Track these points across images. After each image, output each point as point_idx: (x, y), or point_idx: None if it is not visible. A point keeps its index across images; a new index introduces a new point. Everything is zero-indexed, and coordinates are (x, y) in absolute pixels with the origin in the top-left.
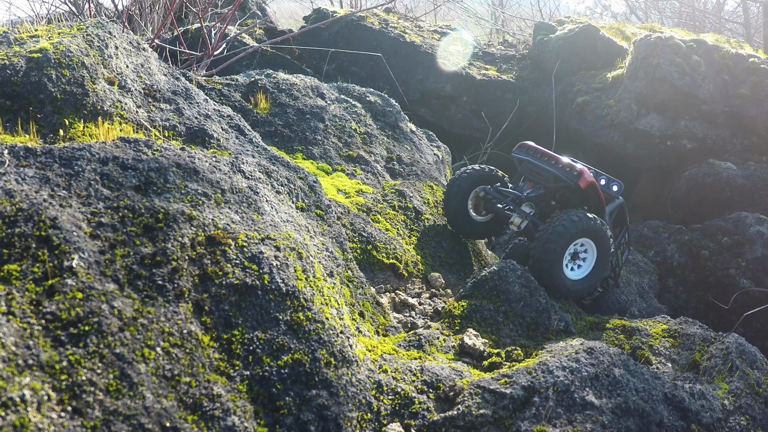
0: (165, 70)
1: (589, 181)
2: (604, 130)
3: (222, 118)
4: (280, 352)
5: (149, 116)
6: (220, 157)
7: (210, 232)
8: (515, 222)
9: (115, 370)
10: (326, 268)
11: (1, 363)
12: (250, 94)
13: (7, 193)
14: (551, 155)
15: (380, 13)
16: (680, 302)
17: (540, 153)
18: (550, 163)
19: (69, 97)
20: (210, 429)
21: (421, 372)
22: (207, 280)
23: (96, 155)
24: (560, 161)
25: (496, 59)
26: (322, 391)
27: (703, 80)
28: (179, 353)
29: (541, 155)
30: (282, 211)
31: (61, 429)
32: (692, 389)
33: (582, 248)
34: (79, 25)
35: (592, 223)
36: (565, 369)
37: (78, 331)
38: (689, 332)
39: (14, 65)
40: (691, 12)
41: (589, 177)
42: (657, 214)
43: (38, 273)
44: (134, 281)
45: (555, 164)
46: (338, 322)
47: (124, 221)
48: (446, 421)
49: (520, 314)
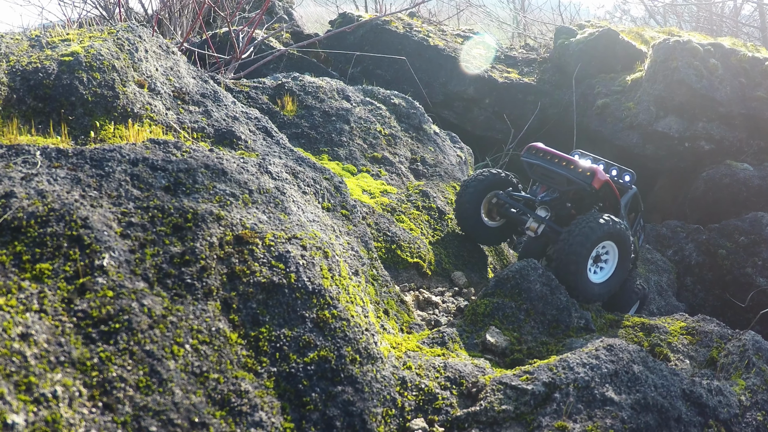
0: (194, 73)
1: (603, 180)
2: (623, 131)
3: (249, 120)
4: (306, 349)
5: (178, 118)
6: (247, 158)
7: (238, 231)
8: (531, 227)
9: (145, 366)
10: (351, 267)
11: (33, 360)
12: (277, 96)
13: (39, 194)
14: (562, 156)
15: (404, 18)
16: (698, 300)
17: (550, 155)
18: (562, 166)
19: (100, 100)
20: (238, 424)
21: (445, 368)
22: (235, 279)
23: (126, 156)
24: (571, 163)
25: (518, 62)
26: (347, 387)
27: (720, 83)
28: (208, 350)
29: (551, 157)
30: (308, 211)
31: (92, 424)
32: (710, 385)
33: (604, 251)
34: (109, 29)
35: (617, 227)
36: (586, 365)
37: (109, 329)
38: (707, 330)
39: (46, 68)
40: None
41: (602, 176)
42: (675, 214)
43: (70, 272)
44: (164, 280)
45: (567, 166)
46: (363, 320)
47: (153, 221)
48: (469, 417)
49: (541, 312)
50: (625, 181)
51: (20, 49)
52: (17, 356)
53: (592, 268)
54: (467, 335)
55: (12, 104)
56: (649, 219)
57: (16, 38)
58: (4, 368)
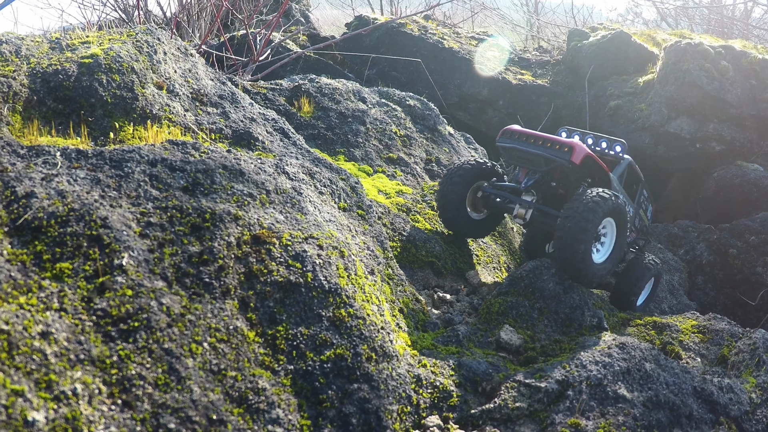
0: (212, 75)
1: (583, 154)
2: (635, 133)
3: (267, 121)
4: (322, 347)
5: (197, 119)
6: (265, 159)
7: (255, 231)
8: (519, 213)
9: (164, 364)
10: (367, 266)
11: (53, 358)
12: (294, 98)
13: (59, 194)
14: (538, 135)
15: (420, 20)
16: (709, 299)
17: (526, 136)
18: (538, 145)
19: (119, 101)
20: (255, 422)
21: (459, 366)
22: (252, 278)
23: (145, 157)
24: (548, 140)
25: (532, 64)
26: (363, 385)
27: (731, 85)
28: (225, 348)
29: (527, 138)
30: (325, 211)
31: (112, 421)
32: (721, 383)
33: (603, 229)
34: (129, 31)
35: (619, 203)
36: (598, 363)
37: (128, 327)
38: (718, 328)
39: (66, 70)
40: (719, 19)
41: (581, 150)
42: (687, 214)
43: (89, 271)
44: (182, 279)
45: (543, 145)
46: (379, 318)
47: (172, 221)
48: (483, 414)
49: (554, 310)
50: (616, 152)
51: (41, 52)
52: (38, 354)
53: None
54: (481, 333)
55: (32, 106)
56: (661, 219)
57: (36, 41)
58: (25, 366)
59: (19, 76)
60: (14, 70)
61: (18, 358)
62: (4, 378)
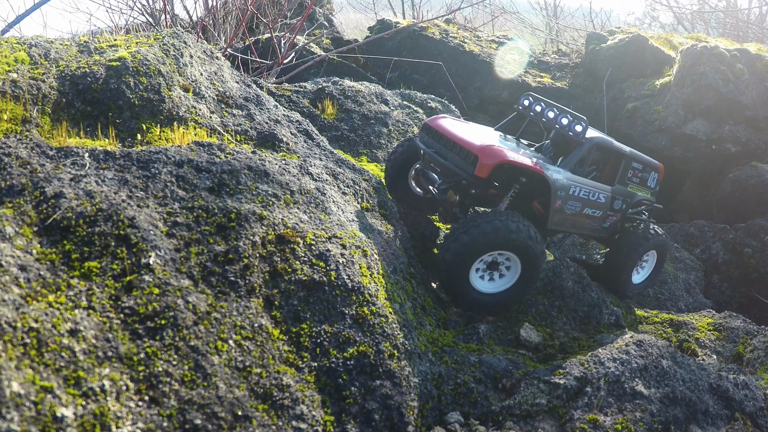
0: (237, 77)
1: (492, 163)
2: (652, 134)
3: (291, 123)
4: (346, 344)
5: (222, 121)
6: (289, 160)
7: (280, 231)
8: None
9: (190, 361)
10: (390, 265)
11: (82, 355)
12: (318, 100)
13: (87, 194)
14: (450, 137)
15: (441, 24)
16: (725, 297)
17: (440, 135)
18: (445, 150)
19: (146, 103)
20: (280, 417)
21: (480, 363)
22: (277, 277)
23: (172, 158)
24: (458, 144)
25: (551, 67)
26: (385, 382)
27: (746, 87)
28: (250, 346)
29: (440, 138)
30: (348, 211)
31: (139, 417)
32: (736, 380)
33: (505, 259)
34: (155, 35)
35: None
36: (616, 360)
37: (155, 325)
38: (733, 326)
39: (94, 73)
40: (734, 22)
41: (492, 158)
42: (703, 214)
43: (117, 270)
44: (208, 277)
45: (451, 150)
46: (401, 316)
47: (198, 221)
48: (503, 410)
49: (573, 309)
50: (576, 133)
51: (69, 55)
52: (66, 351)
53: (485, 276)
54: (501, 331)
55: (61, 108)
56: (678, 219)
57: (65, 44)
58: (54, 363)
59: (48, 79)
60: (43, 72)
61: (47, 355)
62: (33, 375)
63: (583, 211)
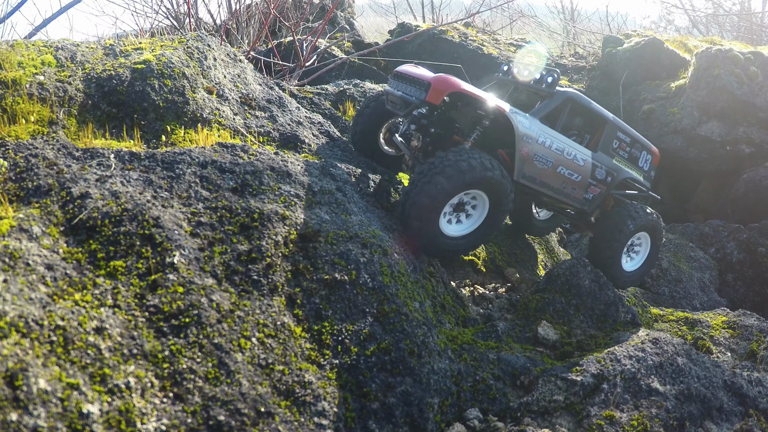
0: (260, 80)
1: (442, 89)
2: (668, 136)
3: (313, 124)
4: (367, 342)
5: (245, 123)
6: (311, 160)
7: (302, 230)
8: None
9: (214, 359)
10: (410, 264)
11: (107, 352)
12: (339, 102)
13: (113, 195)
14: (416, 74)
15: (460, 27)
16: (739, 296)
17: (405, 77)
18: (401, 86)
19: (171, 105)
20: (302, 414)
21: (498, 361)
22: (299, 276)
23: (196, 159)
24: (414, 78)
25: (568, 70)
26: (406, 378)
27: (760, 89)
28: (273, 343)
29: (405, 79)
30: (368, 211)
31: (164, 414)
32: (750, 377)
33: (471, 198)
34: (180, 38)
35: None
36: (632, 358)
37: (179, 323)
38: (747, 324)
39: (120, 76)
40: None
41: (444, 86)
42: (717, 214)
43: (142, 269)
44: (231, 276)
45: (413, 86)
46: (421, 314)
47: (221, 220)
48: (521, 407)
49: (590, 307)
50: (547, 83)
51: (95, 58)
52: (92, 349)
53: (452, 218)
54: (519, 329)
55: (87, 109)
56: (693, 218)
57: (91, 47)
58: (80, 360)
59: (75, 81)
60: (70, 75)
61: (73, 352)
62: (60, 372)
63: (557, 169)
